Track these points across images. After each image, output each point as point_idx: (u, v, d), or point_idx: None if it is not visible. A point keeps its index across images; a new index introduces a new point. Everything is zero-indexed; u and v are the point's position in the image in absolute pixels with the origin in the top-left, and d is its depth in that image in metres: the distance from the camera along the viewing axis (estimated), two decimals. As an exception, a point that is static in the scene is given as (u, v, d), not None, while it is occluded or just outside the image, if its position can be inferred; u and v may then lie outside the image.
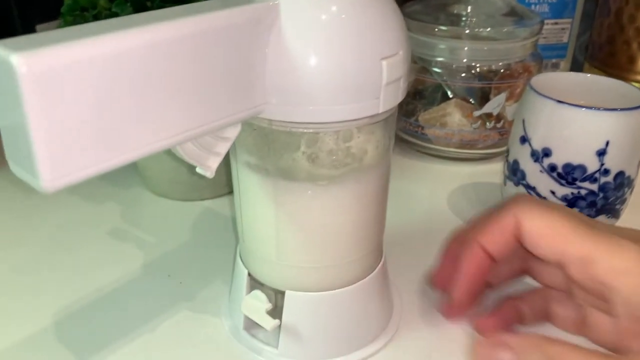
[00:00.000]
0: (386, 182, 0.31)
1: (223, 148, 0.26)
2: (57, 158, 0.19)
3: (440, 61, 0.50)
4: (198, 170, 0.26)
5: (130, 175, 0.51)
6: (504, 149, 0.53)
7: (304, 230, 0.29)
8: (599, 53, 0.61)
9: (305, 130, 0.27)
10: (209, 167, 0.26)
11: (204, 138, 0.25)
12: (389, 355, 0.32)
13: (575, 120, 0.37)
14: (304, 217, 0.29)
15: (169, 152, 0.43)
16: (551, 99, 0.37)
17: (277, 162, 0.28)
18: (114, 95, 0.20)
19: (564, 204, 0.38)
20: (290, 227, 0.29)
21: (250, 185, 0.29)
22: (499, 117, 0.51)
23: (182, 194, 0.47)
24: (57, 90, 0.18)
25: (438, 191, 0.49)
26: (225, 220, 0.45)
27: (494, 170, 0.52)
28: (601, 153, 0.37)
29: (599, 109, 0.36)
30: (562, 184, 0.38)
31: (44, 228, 0.44)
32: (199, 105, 0.23)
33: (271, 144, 0.27)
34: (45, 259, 0.41)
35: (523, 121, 0.40)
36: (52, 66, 0.18)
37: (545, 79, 0.41)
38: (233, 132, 0.26)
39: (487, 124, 0.51)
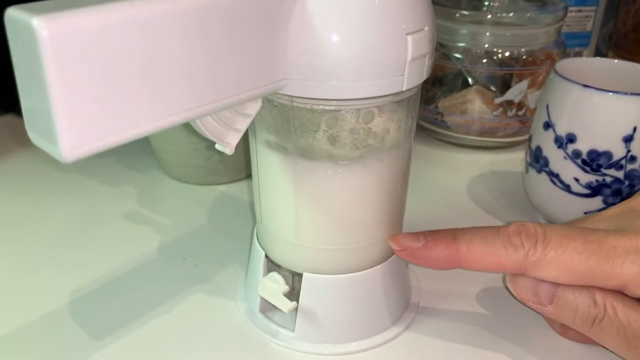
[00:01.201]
0: (408, 164, 0.30)
1: (243, 124, 0.26)
2: (78, 126, 0.19)
3: (461, 47, 0.49)
4: (217, 146, 0.26)
5: (147, 159, 0.51)
6: (524, 137, 0.52)
7: (324, 210, 0.29)
8: (624, 41, 0.60)
9: (326, 108, 0.26)
10: (228, 144, 0.25)
11: (224, 113, 0.25)
12: (408, 341, 0.32)
13: (602, 105, 0.36)
14: (324, 197, 0.28)
15: (187, 134, 0.43)
16: (577, 83, 0.36)
17: (297, 140, 0.27)
18: (135, 64, 0.19)
19: (588, 191, 0.38)
20: (310, 208, 0.29)
21: (270, 165, 0.29)
22: (520, 105, 0.50)
23: (199, 178, 0.46)
24: (79, 55, 0.18)
25: (457, 179, 0.49)
26: (242, 205, 0.45)
27: (514, 159, 0.52)
28: (628, 139, 0.36)
29: (626, 93, 0.35)
30: (586, 171, 0.37)
31: (60, 210, 0.44)
32: (220, 78, 0.22)
33: (291, 122, 0.27)
34: (61, 241, 0.40)
35: (547, 106, 0.39)
36: (74, 31, 0.17)
37: (570, 64, 0.40)
38: (253, 108, 0.26)
39: (508, 111, 0.50)
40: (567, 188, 0.38)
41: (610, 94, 0.35)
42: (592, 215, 0.31)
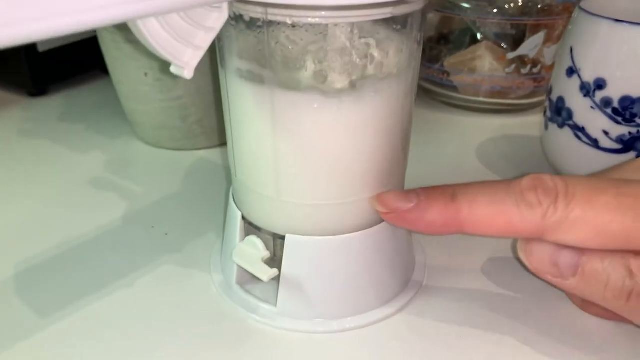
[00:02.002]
0: (410, 101, 0.25)
1: (205, 40, 0.20)
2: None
3: (469, -5, 0.44)
4: (172, 68, 0.20)
5: (119, 124, 0.45)
6: (540, 99, 0.47)
7: (309, 156, 0.24)
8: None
9: (312, 21, 0.21)
10: (186, 64, 0.20)
11: (177, 23, 0.19)
12: (409, 319, 0.27)
13: (636, 42, 0.30)
14: (309, 138, 0.23)
15: (158, 90, 0.38)
16: (607, 18, 0.31)
17: (274, 66, 0.22)
18: None
19: (619, 146, 0.32)
20: (292, 152, 0.24)
21: (243, 99, 0.24)
22: (535, 62, 0.45)
23: (174, 142, 0.41)
24: None
25: (466, 144, 0.43)
26: (221, 171, 0.39)
27: (529, 123, 0.46)
28: (668, 83, 0.31)
29: (667, 27, 0.30)
30: (618, 122, 0.32)
31: (22, 179, 0.39)
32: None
33: (267, 43, 0.22)
34: (19, 210, 0.35)
35: (571, 49, 0.33)
36: None
37: (596, 4, 0.35)
38: (217, 20, 0.21)
39: (522, 69, 0.45)
40: (594, 143, 0.33)
41: (648, 29, 0.30)
42: (624, 164, 0.26)
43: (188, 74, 0.20)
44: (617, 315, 0.24)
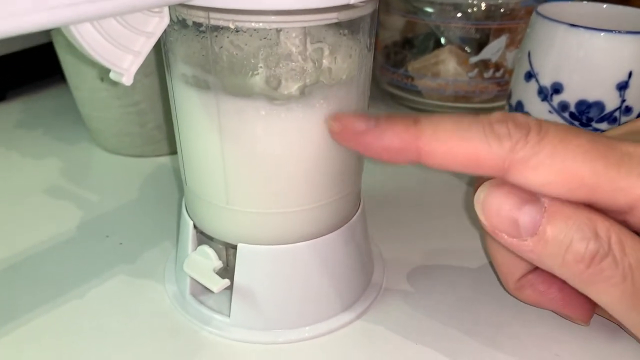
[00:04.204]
0: (363, 105, 0.25)
1: (145, 46, 0.20)
2: None
3: (432, 0, 0.44)
4: (111, 75, 0.20)
5: (79, 130, 0.44)
6: (503, 103, 0.47)
7: (258, 164, 0.23)
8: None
9: (255, 25, 0.20)
10: (125, 70, 0.20)
11: (117, 29, 0.19)
12: (366, 327, 0.26)
13: (592, 47, 0.31)
14: (258, 146, 0.23)
15: (115, 96, 0.37)
16: (563, 22, 0.31)
17: (219, 72, 0.22)
18: None
19: (577, 150, 0.32)
20: (241, 161, 0.23)
21: (189, 106, 0.23)
22: (498, 66, 0.45)
23: (134, 148, 0.40)
24: None
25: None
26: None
27: (492, 127, 0.46)
28: (622, 87, 0.31)
29: (620, 32, 0.30)
30: (575, 126, 0.32)
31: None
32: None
33: (210, 48, 0.21)
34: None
35: (528, 54, 0.33)
36: None
37: (554, 8, 0.35)
38: (158, 25, 0.20)
39: (485, 73, 0.45)
40: (553, 147, 0.33)
41: (602, 33, 0.30)
42: (610, 130, 0.25)
43: (127, 80, 0.20)
44: (550, 301, 0.22)
